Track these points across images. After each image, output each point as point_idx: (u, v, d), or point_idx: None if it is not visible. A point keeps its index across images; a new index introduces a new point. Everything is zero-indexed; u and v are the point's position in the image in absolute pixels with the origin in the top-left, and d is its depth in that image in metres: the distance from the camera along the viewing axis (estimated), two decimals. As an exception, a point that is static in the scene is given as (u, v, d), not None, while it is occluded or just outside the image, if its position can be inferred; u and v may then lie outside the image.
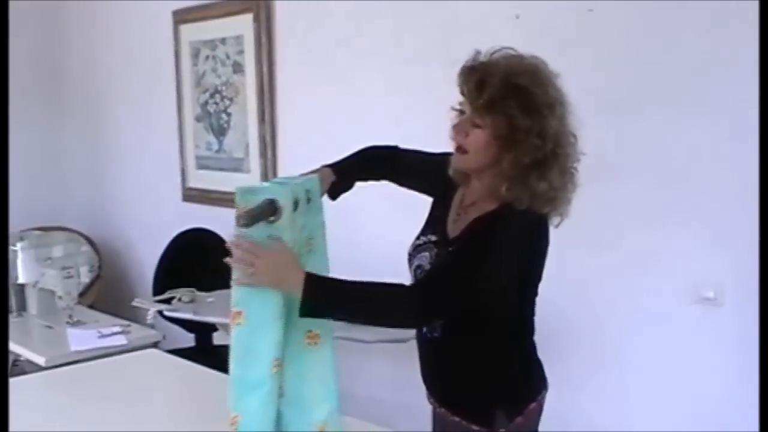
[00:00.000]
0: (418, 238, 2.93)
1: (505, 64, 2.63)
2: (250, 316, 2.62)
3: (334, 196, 3.04)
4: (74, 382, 4.03)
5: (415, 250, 2.91)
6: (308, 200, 2.77)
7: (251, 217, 2.53)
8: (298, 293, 2.54)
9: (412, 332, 3.02)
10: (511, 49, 2.68)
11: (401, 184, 3.19)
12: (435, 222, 2.93)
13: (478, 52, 2.69)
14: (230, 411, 2.67)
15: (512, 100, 2.58)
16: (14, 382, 4.25)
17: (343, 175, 3.03)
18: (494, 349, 2.81)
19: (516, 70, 2.61)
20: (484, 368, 2.81)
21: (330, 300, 2.60)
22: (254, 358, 2.64)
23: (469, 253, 2.65)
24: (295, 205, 2.65)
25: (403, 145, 3.20)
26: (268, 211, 2.58)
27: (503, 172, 2.64)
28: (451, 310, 2.72)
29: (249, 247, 2.56)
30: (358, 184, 3.10)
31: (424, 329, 2.90)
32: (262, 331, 2.62)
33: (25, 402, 3.78)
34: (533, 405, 2.84)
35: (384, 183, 3.20)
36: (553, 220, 2.74)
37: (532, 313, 2.88)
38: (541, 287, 2.83)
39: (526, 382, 2.88)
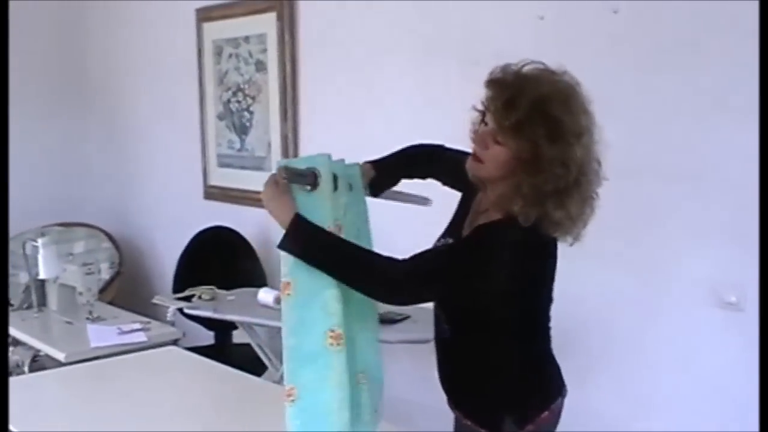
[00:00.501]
0: (438, 239, 2.91)
1: (536, 85, 2.55)
2: (299, 286, 2.66)
3: (375, 193, 3.04)
4: (94, 379, 4.03)
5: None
6: (350, 186, 2.81)
7: (291, 175, 2.66)
8: (284, 226, 2.64)
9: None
10: (541, 63, 2.61)
11: (443, 182, 3.14)
12: (454, 224, 2.91)
13: (508, 65, 2.62)
14: (286, 383, 2.67)
15: (540, 127, 2.51)
16: (34, 378, 4.28)
17: (383, 171, 3.03)
18: (496, 351, 2.78)
19: (547, 95, 2.53)
20: (487, 371, 2.80)
21: (310, 242, 2.66)
22: (306, 328, 2.66)
23: (459, 256, 2.66)
24: (335, 182, 2.70)
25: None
26: (308, 177, 2.68)
27: (519, 190, 2.58)
28: (424, 297, 2.83)
29: (270, 177, 2.72)
30: (404, 182, 3.11)
31: (438, 330, 2.91)
32: (311, 302, 2.65)
33: (44, 397, 3.79)
34: (545, 414, 2.81)
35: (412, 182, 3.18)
36: (566, 239, 2.69)
37: (542, 320, 2.85)
38: (562, 289, 2.82)
39: (536, 389, 2.85)
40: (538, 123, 2.51)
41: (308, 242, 2.66)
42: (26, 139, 7.34)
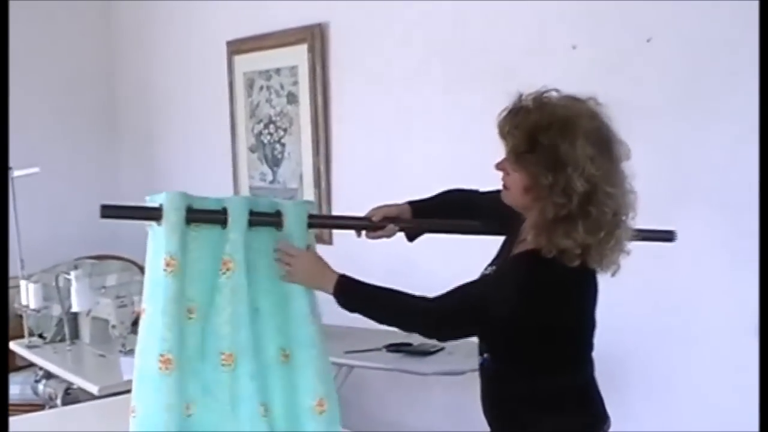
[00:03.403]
0: (486, 268, 2.91)
1: (536, 114, 2.58)
2: (147, 313, 2.82)
3: (410, 237, 3.12)
4: (127, 412, 4.02)
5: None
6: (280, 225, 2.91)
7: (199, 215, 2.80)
8: (329, 291, 2.83)
9: (470, 365, 3.01)
10: (555, 90, 2.64)
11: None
12: (501, 252, 2.93)
13: (519, 95, 2.65)
14: (132, 400, 2.89)
15: (534, 155, 2.56)
16: (67, 411, 4.29)
17: (421, 215, 3.08)
18: (534, 382, 2.78)
19: (543, 124, 2.55)
20: (527, 401, 2.80)
21: (356, 301, 2.85)
22: (145, 353, 2.82)
23: (484, 287, 2.74)
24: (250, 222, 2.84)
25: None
26: (216, 216, 2.82)
27: (532, 219, 2.63)
28: (457, 332, 2.91)
29: (287, 248, 2.88)
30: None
31: (479, 358, 2.90)
32: (151, 329, 2.79)
33: (78, 431, 3.78)
34: None
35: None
36: (605, 271, 2.72)
37: (580, 349, 2.85)
38: (599, 320, 2.81)
39: (578, 419, 2.84)
40: (532, 152, 2.56)
41: (356, 300, 2.84)
42: (59, 172, 7.37)
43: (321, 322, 2.99)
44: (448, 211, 3.14)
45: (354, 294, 2.83)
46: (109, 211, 2.81)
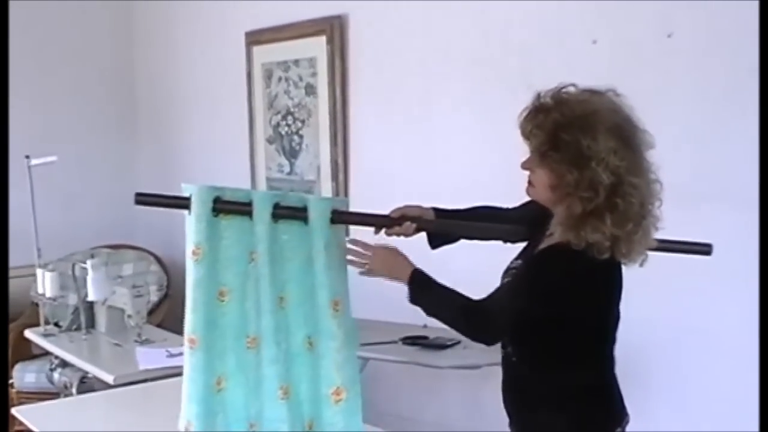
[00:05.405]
0: (512, 261, 2.92)
1: (557, 113, 2.58)
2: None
3: (433, 244, 3.10)
4: (142, 401, 4.03)
5: (505, 272, 2.90)
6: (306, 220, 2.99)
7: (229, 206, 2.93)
8: (404, 282, 2.85)
9: (486, 359, 3.00)
10: (572, 85, 2.63)
11: (513, 241, 3.12)
12: (527, 247, 2.92)
13: (538, 94, 2.65)
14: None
15: (558, 153, 2.57)
16: (82, 399, 4.29)
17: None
18: (555, 376, 2.79)
19: (564, 121, 2.56)
20: (546, 394, 2.81)
21: (422, 298, 2.86)
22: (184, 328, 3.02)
23: (511, 286, 2.75)
24: (275, 215, 2.96)
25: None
26: (241, 208, 2.94)
27: (560, 215, 2.63)
28: (497, 335, 2.86)
29: (362, 245, 2.96)
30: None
31: (501, 351, 2.92)
32: (186, 307, 2.99)
33: (92, 419, 3.79)
34: None
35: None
36: (633, 262, 2.70)
37: (601, 345, 2.84)
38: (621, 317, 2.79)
39: (596, 414, 2.83)
40: (555, 150, 2.57)
41: (422, 300, 2.86)
42: (77, 161, 7.38)
43: (349, 316, 3.06)
44: (474, 220, 3.12)
45: (421, 287, 2.86)
46: (143, 198, 3.04)
